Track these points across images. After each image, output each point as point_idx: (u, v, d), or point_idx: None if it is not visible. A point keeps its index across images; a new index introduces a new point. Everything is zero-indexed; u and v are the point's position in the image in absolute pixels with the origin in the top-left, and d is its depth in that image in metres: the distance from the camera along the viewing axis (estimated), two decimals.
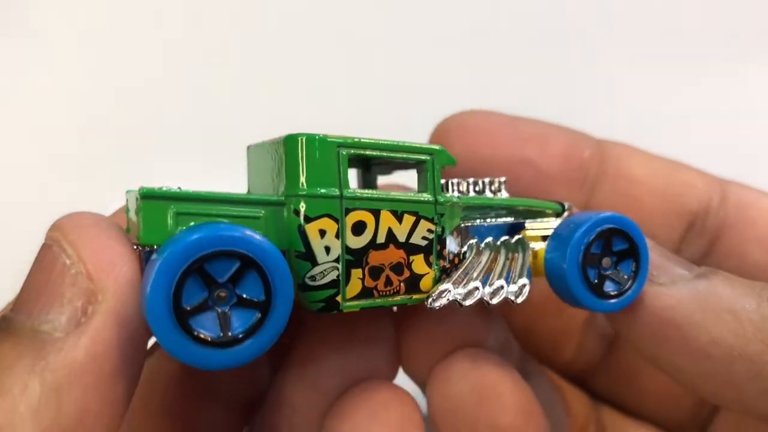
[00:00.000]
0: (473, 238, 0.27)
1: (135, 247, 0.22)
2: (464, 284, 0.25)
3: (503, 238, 0.27)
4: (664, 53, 0.53)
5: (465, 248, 0.26)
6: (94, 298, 0.20)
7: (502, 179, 0.28)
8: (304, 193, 0.23)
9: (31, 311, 0.20)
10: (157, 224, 0.21)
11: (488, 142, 0.31)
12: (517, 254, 0.27)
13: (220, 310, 0.20)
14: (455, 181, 0.27)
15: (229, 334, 0.20)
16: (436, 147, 0.25)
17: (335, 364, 0.27)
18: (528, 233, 0.28)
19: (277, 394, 0.28)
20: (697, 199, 0.32)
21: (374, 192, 0.24)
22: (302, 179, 0.23)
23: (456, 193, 0.27)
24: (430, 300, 0.24)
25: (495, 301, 0.25)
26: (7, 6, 0.48)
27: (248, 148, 0.27)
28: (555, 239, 0.27)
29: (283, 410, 0.27)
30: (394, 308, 0.29)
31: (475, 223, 0.27)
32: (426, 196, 0.25)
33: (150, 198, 0.21)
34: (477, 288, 0.24)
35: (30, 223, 0.27)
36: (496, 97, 0.33)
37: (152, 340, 0.28)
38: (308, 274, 0.23)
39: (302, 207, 0.23)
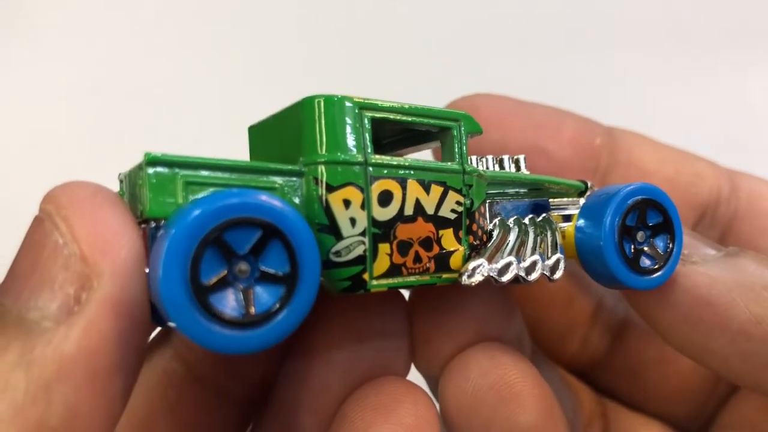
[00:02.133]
0: (499, 215, 0.25)
1: (140, 224, 0.19)
2: (497, 260, 0.23)
3: (529, 216, 0.26)
4: (666, 51, 0.53)
5: (491, 225, 0.24)
6: (89, 283, 0.18)
7: (522, 156, 0.27)
8: (325, 159, 0.21)
9: (19, 295, 0.18)
10: (164, 195, 0.19)
11: (499, 126, 0.30)
12: (546, 231, 0.25)
13: (241, 286, 0.18)
14: (474, 157, 0.25)
15: (254, 311, 0.18)
16: (463, 113, 0.24)
17: (344, 359, 0.25)
18: (552, 212, 0.26)
19: (282, 392, 0.25)
20: (708, 190, 0.31)
21: (400, 159, 0.22)
22: (322, 144, 0.21)
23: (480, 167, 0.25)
24: (464, 277, 0.22)
25: (532, 277, 0.23)
26: (7, 5, 0.48)
27: (250, 128, 0.25)
28: (586, 212, 0.25)
29: (289, 408, 0.25)
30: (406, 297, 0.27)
31: (501, 199, 0.25)
32: (453, 166, 0.23)
33: (157, 165, 0.19)
34: (511, 263, 0.23)
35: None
36: (492, 87, 0.32)
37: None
38: (333, 249, 0.20)
39: (323, 174, 0.20)
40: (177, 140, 0.46)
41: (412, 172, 0.22)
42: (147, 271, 0.18)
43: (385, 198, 0.21)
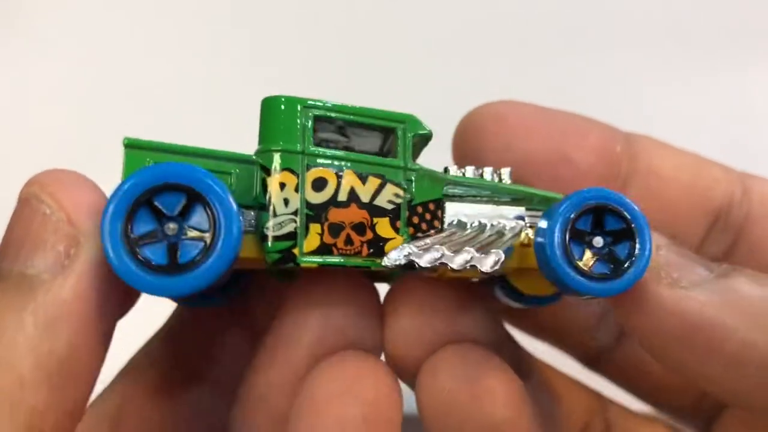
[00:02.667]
0: (462, 216, 0.26)
1: None
2: (425, 246, 0.24)
3: (498, 221, 0.27)
4: (667, 51, 0.53)
5: (447, 224, 0.26)
6: (76, 241, 0.21)
7: (507, 170, 0.28)
8: (268, 148, 0.24)
9: (15, 259, 0.21)
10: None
11: (526, 135, 0.30)
12: (503, 235, 0.26)
13: (169, 242, 0.22)
14: (455, 166, 0.27)
15: (177, 262, 0.22)
16: (408, 115, 0.26)
17: (316, 320, 0.27)
18: (528, 222, 0.27)
19: (250, 370, 0.28)
20: (722, 194, 0.31)
21: (340, 152, 0.25)
22: (267, 136, 0.24)
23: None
24: (385, 258, 0.24)
25: (456, 264, 0.24)
26: (6, 5, 0.51)
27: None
28: (543, 217, 0.26)
29: (257, 386, 0.27)
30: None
31: (464, 201, 0.26)
32: (395, 161, 0.25)
33: (132, 147, 0.23)
34: (435, 247, 0.24)
35: None
36: (492, 87, 0.33)
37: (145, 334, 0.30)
38: (267, 225, 0.24)
39: (265, 161, 0.24)
40: (178, 139, 0.50)
41: (349, 164, 0.25)
42: None
43: (319, 184, 0.24)
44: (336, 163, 0.25)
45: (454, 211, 0.26)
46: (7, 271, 0.21)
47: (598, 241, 0.24)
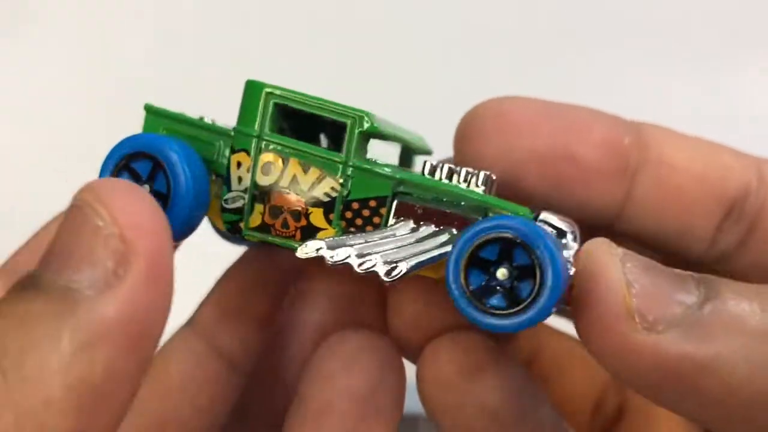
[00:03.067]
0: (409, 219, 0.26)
1: None
2: (339, 245, 0.24)
3: (448, 228, 0.25)
4: (666, 52, 0.53)
5: (392, 223, 0.26)
6: (126, 260, 0.20)
7: (482, 173, 0.26)
8: (236, 129, 0.27)
9: (61, 270, 0.20)
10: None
11: (528, 133, 0.28)
12: (434, 246, 0.24)
13: None
14: (429, 163, 0.27)
15: None
16: (363, 112, 0.26)
17: (324, 296, 0.30)
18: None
19: (264, 349, 0.31)
20: (736, 183, 0.29)
21: (292, 141, 0.26)
22: (238, 117, 0.27)
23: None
24: (299, 248, 0.25)
25: (358, 267, 0.24)
26: (7, 5, 0.52)
27: None
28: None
29: (271, 349, 0.31)
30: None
31: (418, 204, 0.26)
32: (336, 155, 0.26)
33: (151, 113, 0.28)
34: (346, 246, 0.24)
35: (30, 219, 0.30)
36: (494, 89, 0.31)
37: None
38: (223, 197, 0.27)
39: (230, 139, 0.27)
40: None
41: (294, 152, 0.26)
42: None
43: (267, 168, 0.26)
44: (285, 150, 0.26)
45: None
46: (50, 281, 0.20)
47: (503, 272, 0.22)
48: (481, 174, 0.26)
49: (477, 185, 0.26)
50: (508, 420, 0.26)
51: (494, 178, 0.26)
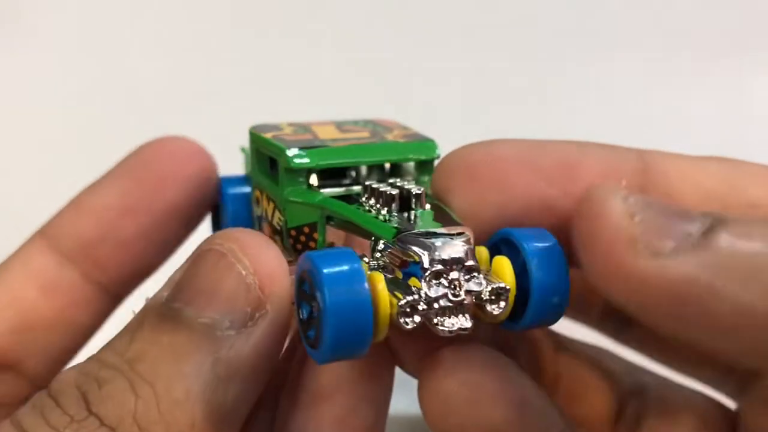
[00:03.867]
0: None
1: None
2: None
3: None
4: (665, 54, 0.52)
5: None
6: (262, 306, 0.23)
7: (417, 190, 0.26)
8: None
9: (204, 309, 0.22)
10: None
11: (501, 188, 0.25)
12: None
13: None
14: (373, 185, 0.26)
15: None
16: (285, 150, 0.28)
17: None
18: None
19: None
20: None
21: (262, 178, 0.30)
22: None
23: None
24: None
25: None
26: (6, 4, 0.48)
27: None
28: None
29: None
30: None
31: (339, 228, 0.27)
32: (278, 190, 0.29)
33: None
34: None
35: (30, 221, 0.31)
36: (492, 101, 0.30)
37: None
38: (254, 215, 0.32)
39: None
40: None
41: (264, 189, 0.30)
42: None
43: (256, 201, 0.31)
44: (260, 186, 0.31)
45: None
46: (192, 317, 0.22)
47: (311, 305, 0.22)
48: (387, 193, 0.25)
49: (382, 202, 0.25)
50: None
51: (395, 194, 0.25)
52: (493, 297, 0.23)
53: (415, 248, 0.23)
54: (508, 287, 0.23)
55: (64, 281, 0.30)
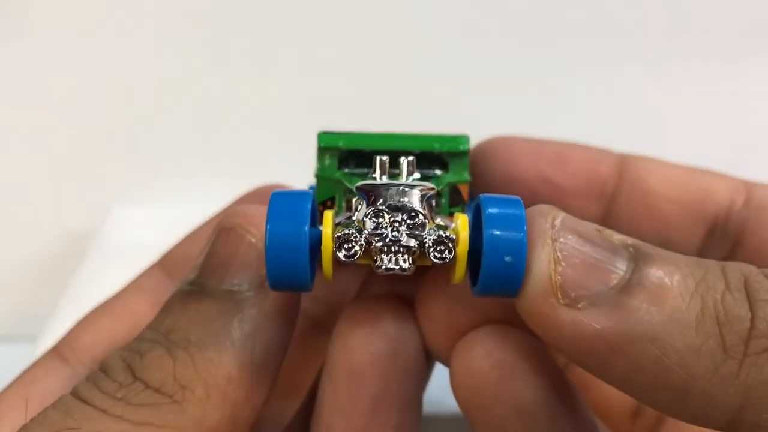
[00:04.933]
0: None
1: None
2: None
3: None
4: (665, 52, 0.51)
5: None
6: None
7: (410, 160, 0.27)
8: None
9: (222, 278, 0.24)
10: None
11: (511, 166, 0.32)
12: None
13: None
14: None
15: None
16: (319, 132, 0.28)
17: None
18: None
19: None
20: (716, 204, 0.30)
21: None
22: None
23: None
24: None
25: None
26: (6, 4, 0.48)
27: None
28: None
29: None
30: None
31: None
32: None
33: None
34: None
35: (31, 221, 0.35)
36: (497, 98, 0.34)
37: None
38: None
39: None
40: (181, 138, 0.45)
41: None
42: None
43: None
44: None
45: None
46: (215, 288, 0.24)
47: None
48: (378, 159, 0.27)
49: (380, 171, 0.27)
50: (540, 419, 0.26)
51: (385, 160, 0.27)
52: (436, 245, 0.23)
53: (365, 192, 0.24)
54: (453, 237, 0.23)
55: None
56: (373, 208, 0.23)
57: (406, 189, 0.24)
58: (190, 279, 0.26)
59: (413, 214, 0.23)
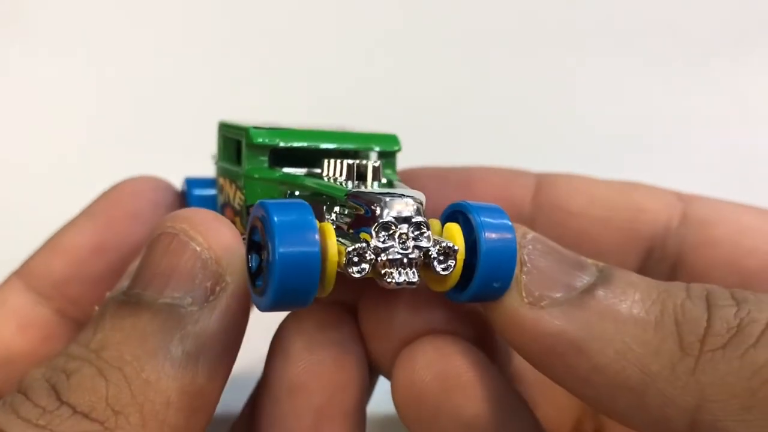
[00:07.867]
0: None
1: None
2: None
3: None
4: (664, 52, 0.53)
5: None
6: (222, 279, 0.23)
7: (351, 164, 0.26)
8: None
9: (162, 289, 0.23)
10: None
11: (424, 190, 0.28)
12: None
13: None
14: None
15: None
16: (248, 129, 0.28)
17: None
18: None
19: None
20: (651, 223, 0.30)
21: (231, 164, 0.30)
22: None
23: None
24: None
25: None
26: (6, 5, 0.49)
27: None
28: None
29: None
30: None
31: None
32: (238, 169, 0.29)
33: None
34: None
35: (31, 222, 0.33)
36: (495, 98, 0.34)
37: None
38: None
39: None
40: (181, 139, 0.45)
41: (227, 175, 0.31)
42: None
43: (221, 190, 0.32)
44: (223, 172, 0.31)
45: None
46: (152, 299, 0.22)
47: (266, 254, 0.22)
48: (345, 163, 0.26)
49: (341, 174, 0.26)
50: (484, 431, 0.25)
51: (352, 164, 0.26)
52: (441, 256, 0.23)
53: (364, 202, 0.23)
54: (456, 247, 0.23)
55: (39, 318, 0.31)
56: (379, 222, 0.23)
57: (403, 197, 0.23)
58: (123, 288, 0.24)
59: (421, 226, 0.23)
